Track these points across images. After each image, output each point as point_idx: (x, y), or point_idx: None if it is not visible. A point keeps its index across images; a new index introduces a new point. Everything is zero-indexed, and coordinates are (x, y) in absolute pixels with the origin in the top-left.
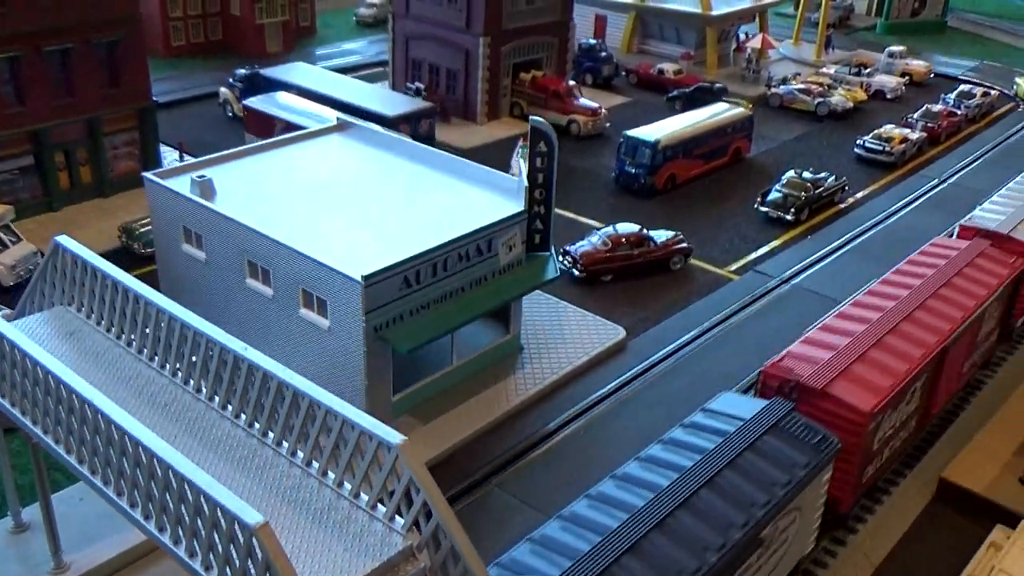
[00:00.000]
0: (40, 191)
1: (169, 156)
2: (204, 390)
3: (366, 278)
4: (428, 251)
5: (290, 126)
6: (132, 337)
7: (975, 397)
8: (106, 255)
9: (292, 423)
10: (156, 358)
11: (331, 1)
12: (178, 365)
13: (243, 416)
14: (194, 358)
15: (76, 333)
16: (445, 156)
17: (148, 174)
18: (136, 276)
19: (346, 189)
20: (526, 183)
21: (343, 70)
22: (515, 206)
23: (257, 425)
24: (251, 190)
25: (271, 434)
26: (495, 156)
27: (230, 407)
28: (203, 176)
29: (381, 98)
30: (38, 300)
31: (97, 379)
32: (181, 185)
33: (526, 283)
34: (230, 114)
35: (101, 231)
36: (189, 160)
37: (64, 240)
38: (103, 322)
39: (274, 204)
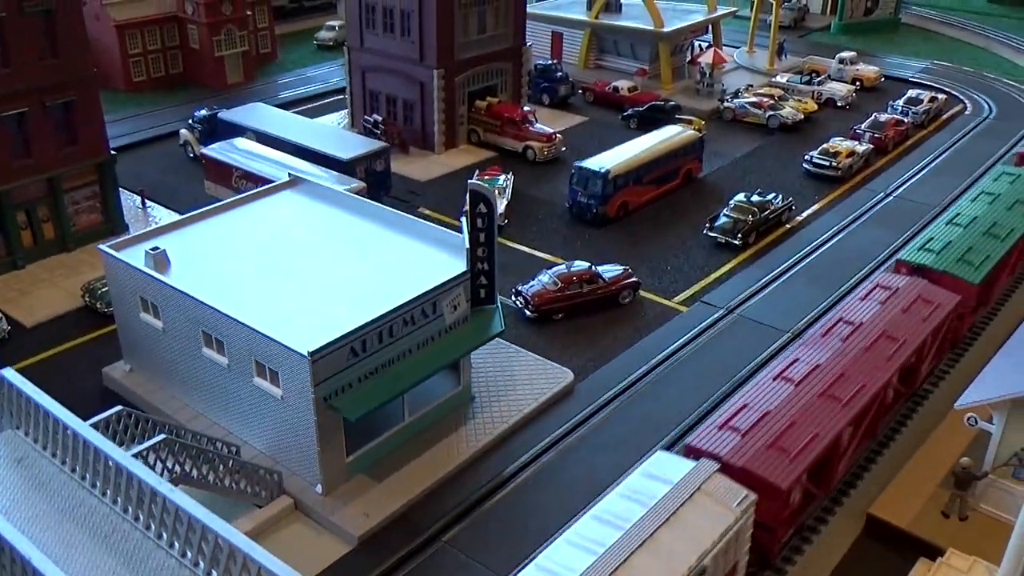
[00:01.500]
0: (3, 250)
1: (132, 202)
2: (141, 518)
3: (313, 353)
4: (373, 320)
5: (247, 174)
6: (75, 465)
7: (903, 430)
8: (70, 314)
9: (218, 558)
10: (97, 486)
11: (293, 24)
12: (117, 496)
13: (176, 546)
14: (130, 492)
15: (24, 460)
16: (391, 213)
17: (103, 247)
18: (99, 336)
19: (296, 251)
20: (467, 245)
21: (306, 99)
22: (459, 264)
23: (188, 555)
24: (204, 257)
25: (201, 564)
26: (452, 186)
27: (164, 536)
28: (157, 248)
29: (336, 139)
30: None
31: (41, 509)
32: (136, 256)
33: (472, 340)
34: (191, 155)
35: (65, 289)
36: (152, 207)
37: (9, 374)
38: (48, 449)
39: (227, 271)
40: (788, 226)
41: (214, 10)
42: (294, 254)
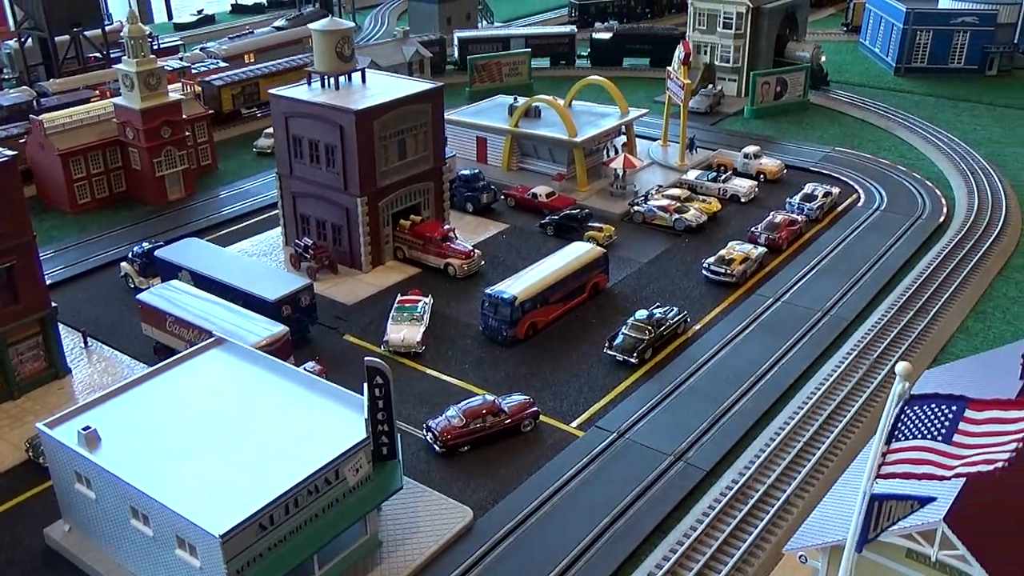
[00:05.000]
0: None
1: (75, 341)
2: None
3: (224, 536)
4: (280, 496)
5: (179, 321)
6: None
7: (749, 569)
8: (15, 468)
9: None
10: None
11: (232, 130)
12: None
13: None
14: None
15: None
16: (301, 374)
17: (40, 425)
18: (41, 491)
19: (215, 419)
20: (365, 415)
21: (244, 215)
22: (362, 429)
23: None
24: (132, 431)
25: None
26: (378, 307)
27: None
28: (88, 427)
29: (264, 278)
30: None
31: None
32: (70, 434)
33: (375, 498)
34: (131, 286)
35: (9, 442)
36: (94, 344)
37: None
38: None
39: (152, 445)
40: (685, 336)
41: (153, 135)
42: (213, 423)
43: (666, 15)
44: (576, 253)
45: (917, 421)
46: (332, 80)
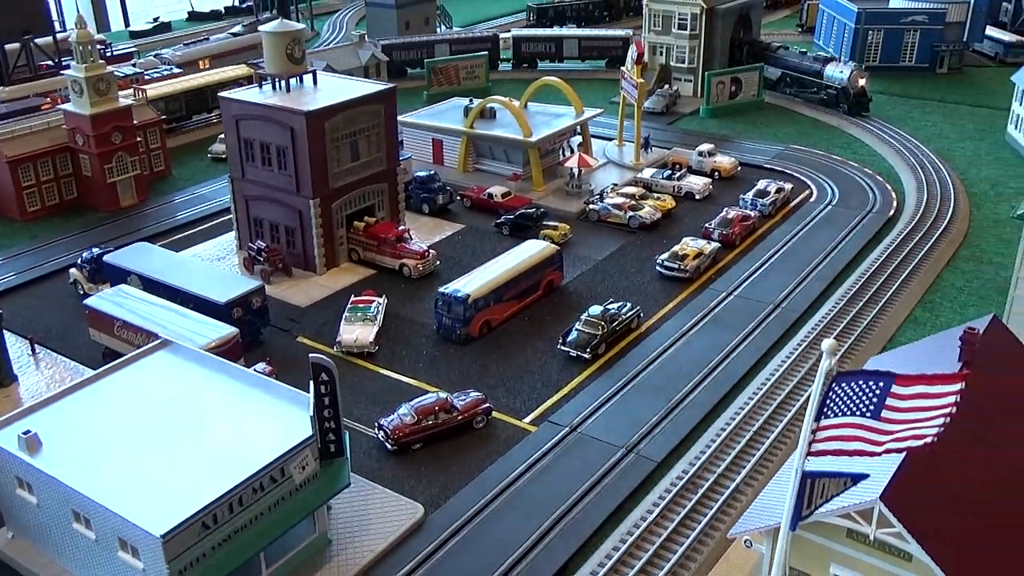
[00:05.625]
0: None
1: (22, 349)
2: None
3: (165, 535)
4: (223, 495)
5: (127, 326)
6: None
7: (698, 557)
8: None
9: None
10: None
11: (186, 136)
12: None
13: None
14: None
15: None
16: (248, 374)
17: None
18: None
19: (159, 420)
20: (312, 412)
21: (199, 220)
22: (307, 426)
23: None
24: (74, 434)
25: None
26: (332, 309)
27: None
28: (28, 431)
29: (214, 281)
30: None
31: None
32: (10, 438)
33: (322, 495)
34: (81, 292)
35: None
36: (41, 351)
37: None
38: None
39: (94, 448)
40: (638, 331)
41: (104, 140)
42: (157, 424)
43: (624, 18)
44: (530, 251)
45: (845, 398)
46: (283, 82)
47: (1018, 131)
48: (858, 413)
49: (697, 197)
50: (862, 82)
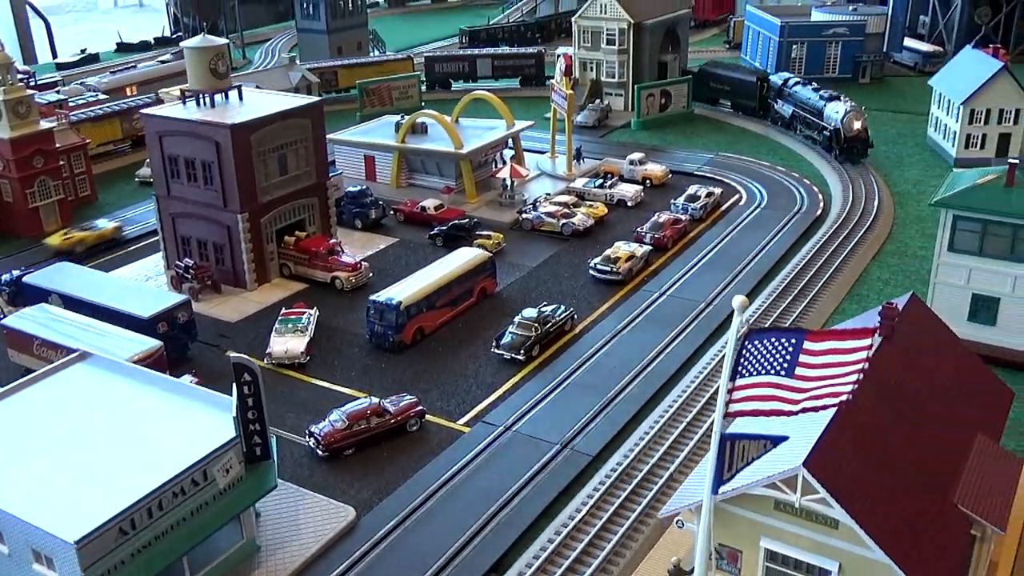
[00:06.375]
0: None
1: None
2: None
3: (79, 541)
4: (139, 500)
5: (47, 344)
6: None
7: (638, 536)
8: None
9: None
10: None
11: (113, 162)
12: None
13: None
14: None
15: None
16: (170, 381)
17: None
18: None
19: (77, 430)
20: (234, 413)
21: (125, 243)
22: (230, 429)
23: None
24: None
25: None
26: (263, 325)
27: None
28: None
29: (138, 297)
30: None
31: None
32: None
33: (248, 498)
34: (1, 316)
35: None
36: None
37: None
38: None
39: (5, 459)
40: (572, 333)
41: (25, 164)
42: (74, 434)
43: (556, 39)
44: (462, 258)
45: (759, 355)
46: (208, 98)
47: (937, 133)
48: (772, 372)
49: (629, 204)
50: (858, 124)
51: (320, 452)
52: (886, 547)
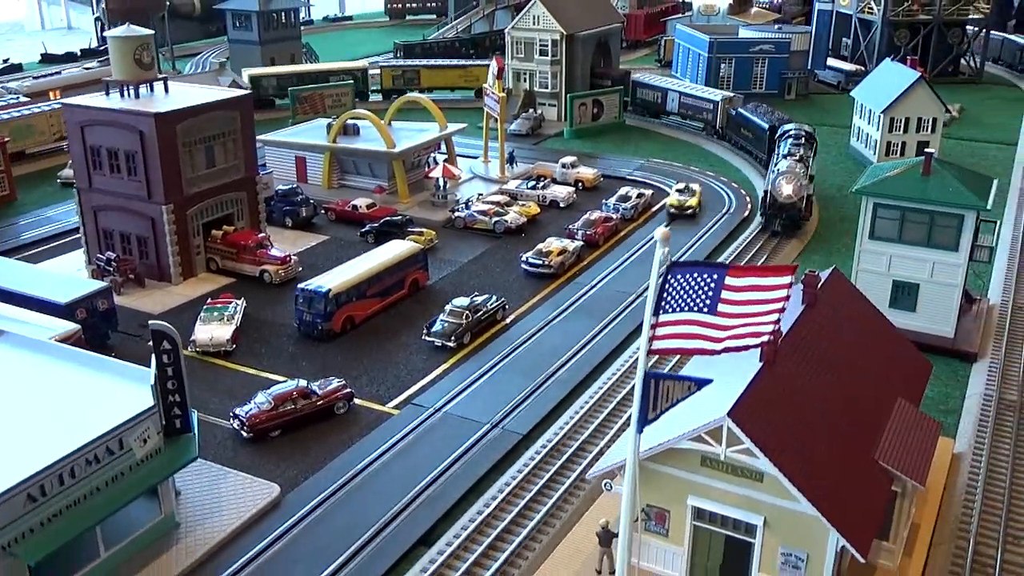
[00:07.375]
0: None
1: None
2: None
3: None
4: (50, 465)
5: None
6: None
7: (573, 500)
8: None
9: None
10: None
11: (34, 164)
12: None
13: None
14: None
15: None
16: (86, 355)
17: None
18: None
19: None
20: (152, 381)
21: (45, 240)
22: (148, 399)
23: None
24: None
25: None
26: (187, 316)
27: None
28: None
29: (55, 284)
30: None
31: None
32: None
33: (165, 470)
34: None
35: None
36: None
37: None
38: None
39: None
40: (504, 323)
41: None
42: None
43: (490, 56)
44: (393, 250)
45: (682, 291)
46: (132, 89)
47: (859, 142)
48: (695, 308)
49: (561, 205)
50: (788, 190)
51: (245, 434)
52: (811, 497)
